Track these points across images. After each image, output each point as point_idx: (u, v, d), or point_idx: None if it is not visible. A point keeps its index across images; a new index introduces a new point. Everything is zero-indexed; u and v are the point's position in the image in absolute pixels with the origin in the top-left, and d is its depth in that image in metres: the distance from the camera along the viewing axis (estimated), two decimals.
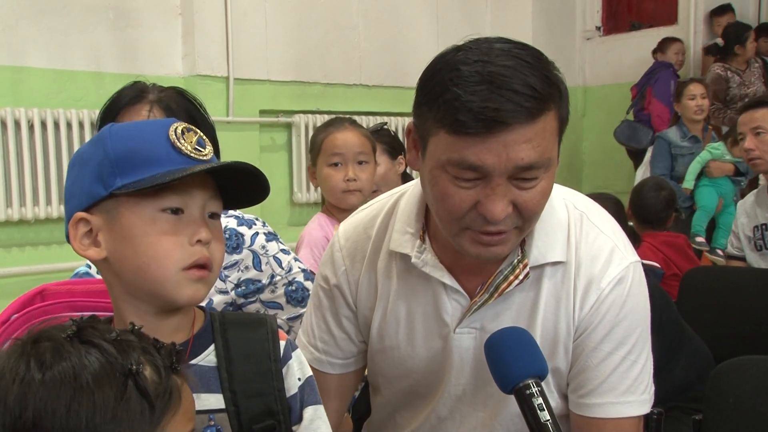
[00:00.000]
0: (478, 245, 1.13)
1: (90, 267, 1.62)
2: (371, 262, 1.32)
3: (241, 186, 1.04)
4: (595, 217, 1.27)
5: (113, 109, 1.55)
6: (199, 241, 0.98)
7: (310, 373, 1.11)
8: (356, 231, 1.35)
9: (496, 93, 1.02)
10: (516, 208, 1.10)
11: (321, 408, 1.10)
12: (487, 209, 1.08)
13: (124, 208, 0.97)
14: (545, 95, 1.05)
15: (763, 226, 2.89)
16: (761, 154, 2.82)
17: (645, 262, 3.24)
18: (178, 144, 0.98)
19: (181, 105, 1.55)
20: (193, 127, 1.02)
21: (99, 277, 1.32)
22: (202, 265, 0.99)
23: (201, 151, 1.00)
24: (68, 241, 1.01)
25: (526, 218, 1.12)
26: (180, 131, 0.99)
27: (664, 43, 5.61)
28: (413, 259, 1.24)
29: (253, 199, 1.07)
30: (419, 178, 1.23)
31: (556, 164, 1.13)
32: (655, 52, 5.62)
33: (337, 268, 1.35)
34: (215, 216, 1.03)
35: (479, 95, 1.02)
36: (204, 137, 1.02)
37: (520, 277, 1.20)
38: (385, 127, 2.77)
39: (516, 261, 1.20)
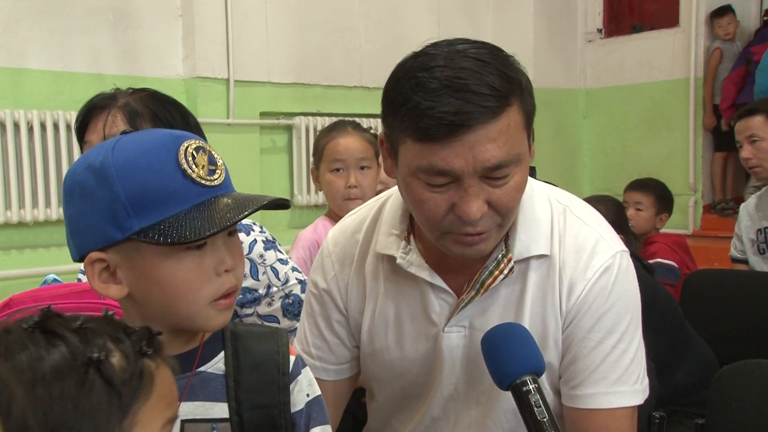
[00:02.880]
0: (461, 245, 1.15)
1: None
2: (359, 265, 1.33)
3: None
4: (578, 210, 1.27)
5: (85, 119, 1.53)
6: (225, 270, 0.97)
7: (319, 392, 1.09)
8: (344, 236, 1.37)
9: (454, 97, 1.03)
10: (491, 206, 1.11)
11: (328, 428, 1.08)
12: (462, 211, 1.09)
13: (145, 250, 0.92)
14: (504, 92, 1.05)
15: (766, 230, 2.87)
16: (759, 162, 2.79)
17: (665, 261, 3.23)
18: (191, 173, 0.93)
19: (150, 106, 1.50)
20: (203, 144, 0.96)
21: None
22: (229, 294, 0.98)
23: (214, 172, 0.95)
24: (74, 260, 0.98)
25: (503, 215, 1.13)
26: (190, 154, 0.93)
27: None
28: (398, 260, 1.25)
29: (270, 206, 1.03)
30: None
31: (528, 158, 1.14)
32: None
33: (327, 273, 1.36)
34: (233, 233, 1.00)
35: (439, 101, 1.03)
36: (214, 152, 0.97)
37: (505, 271, 1.21)
38: None
39: (500, 256, 1.21)
